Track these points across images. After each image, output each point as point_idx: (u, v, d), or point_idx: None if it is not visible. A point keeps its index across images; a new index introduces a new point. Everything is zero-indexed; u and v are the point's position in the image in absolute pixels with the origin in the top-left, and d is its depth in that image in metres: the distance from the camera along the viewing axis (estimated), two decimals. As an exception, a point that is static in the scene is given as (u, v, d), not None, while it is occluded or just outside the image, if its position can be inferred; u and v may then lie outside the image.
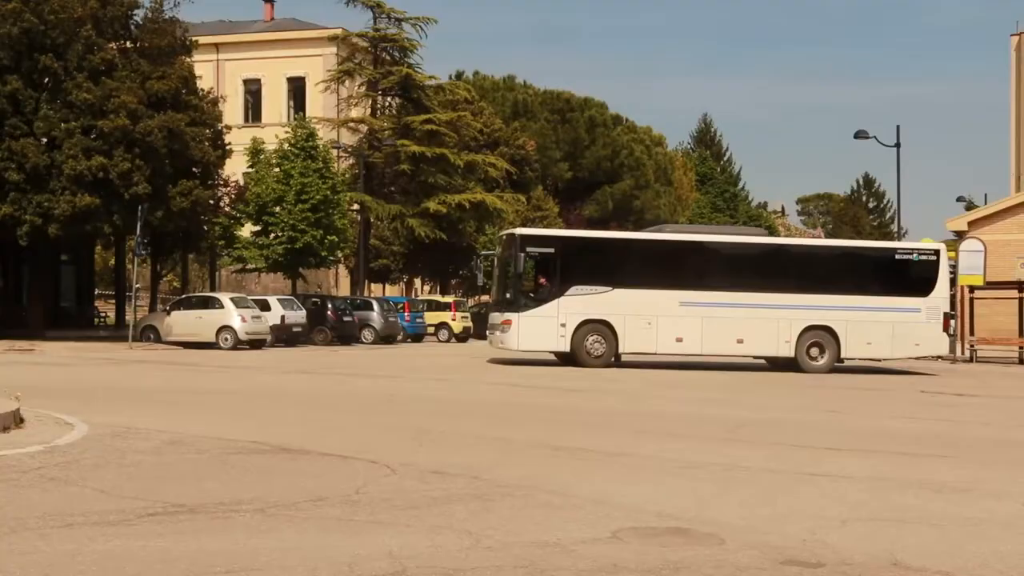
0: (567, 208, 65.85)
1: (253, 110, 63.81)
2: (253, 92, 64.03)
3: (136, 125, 32.03)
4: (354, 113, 54.12)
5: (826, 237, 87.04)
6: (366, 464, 9.71)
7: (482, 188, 54.47)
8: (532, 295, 27.81)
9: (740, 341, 27.88)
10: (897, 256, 29.76)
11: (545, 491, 8.57)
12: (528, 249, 27.59)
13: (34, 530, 6.77)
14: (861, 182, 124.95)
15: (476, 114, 57.28)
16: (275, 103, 62.86)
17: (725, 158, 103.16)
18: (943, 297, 28.87)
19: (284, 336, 36.46)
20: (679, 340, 27.64)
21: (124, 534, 6.72)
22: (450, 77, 66.23)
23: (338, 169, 48.46)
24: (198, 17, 58.20)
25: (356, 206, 49.06)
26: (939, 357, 30.67)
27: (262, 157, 44.09)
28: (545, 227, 52.10)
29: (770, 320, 27.85)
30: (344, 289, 56.92)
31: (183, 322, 34.44)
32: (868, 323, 28.14)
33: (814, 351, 28.23)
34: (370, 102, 53.78)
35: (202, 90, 38.80)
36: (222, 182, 41.65)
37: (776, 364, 29.24)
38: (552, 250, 27.97)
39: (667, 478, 9.51)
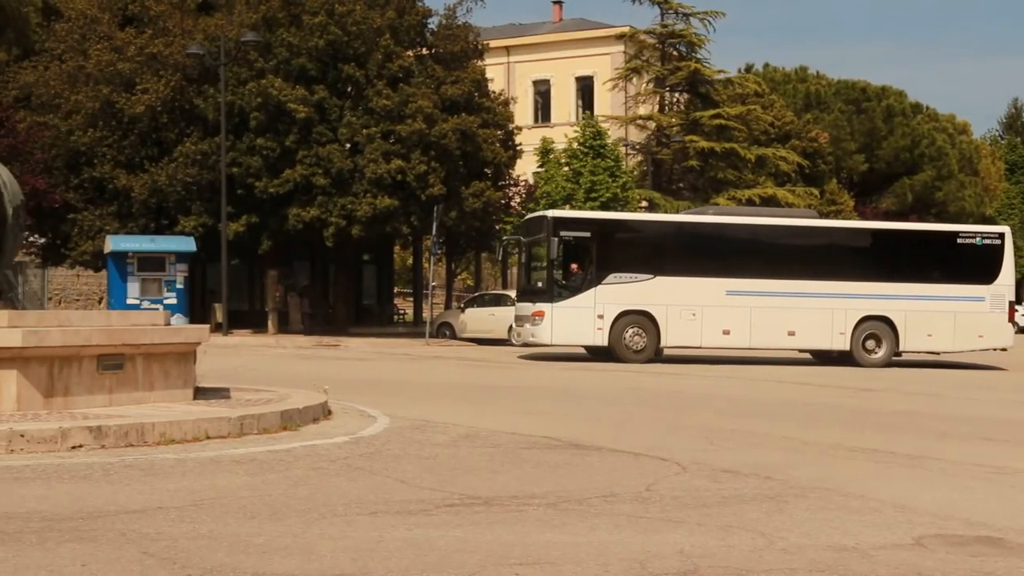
0: (862, 201, 63.51)
1: (542, 110, 64.92)
2: (542, 92, 65.16)
3: (431, 129, 33.18)
4: (642, 110, 54.15)
5: None
6: (656, 461, 9.67)
7: (773, 183, 53.37)
8: (565, 284, 25.69)
9: (791, 333, 25.93)
10: (959, 240, 27.36)
11: (841, 493, 8.28)
12: (562, 233, 25.45)
13: (342, 516, 7.10)
14: None
15: (766, 107, 56.12)
16: (564, 103, 63.72)
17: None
18: (1008, 284, 26.49)
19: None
20: (726, 333, 25.75)
21: (424, 523, 6.95)
22: (739, 70, 65.16)
23: (627, 167, 48.63)
24: (489, 21, 59.78)
25: (645, 203, 49.09)
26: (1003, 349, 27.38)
27: (551, 156, 44.76)
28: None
29: (824, 310, 25.88)
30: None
31: (477, 319, 35.40)
32: (928, 313, 26.08)
33: (870, 343, 26.26)
34: (658, 99, 53.67)
35: (493, 92, 39.78)
36: (513, 182, 42.60)
37: (825, 358, 27.25)
38: (588, 234, 26.00)
39: (977, 484, 8.99)
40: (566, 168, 43.74)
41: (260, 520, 6.92)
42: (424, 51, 37.02)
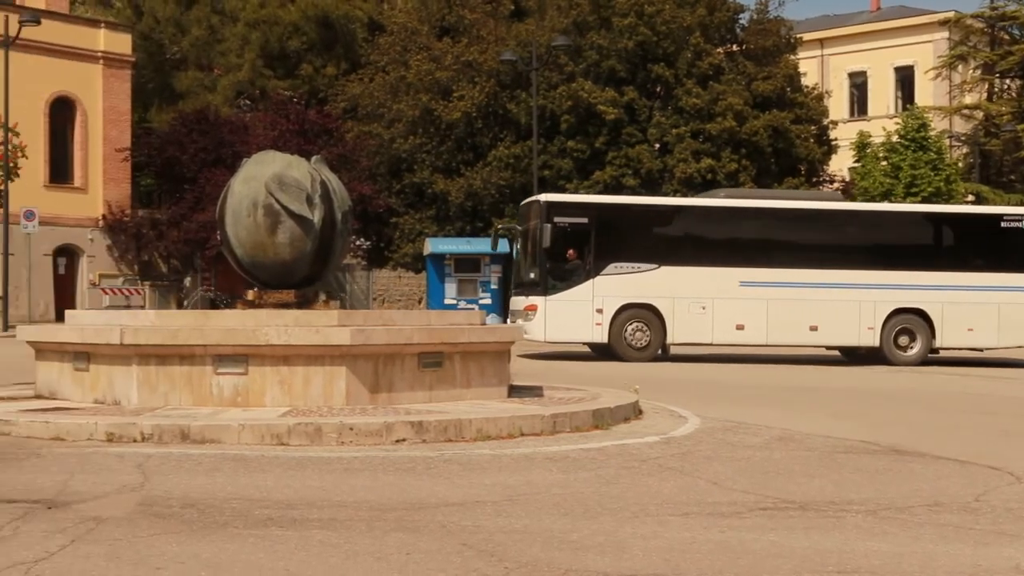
0: None
1: (858, 103, 62.80)
2: (858, 85, 63.04)
3: (742, 126, 32.83)
4: (968, 99, 51.51)
5: None
6: (985, 470, 9.12)
7: (1119, 173, 49.51)
8: (561, 275, 23.56)
9: (814, 328, 23.40)
10: (1003, 223, 24.01)
11: None
12: (556, 219, 23.33)
13: (653, 516, 7.09)
14: None
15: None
16: (881, 95, 61.40)
17: None
18: None
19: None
20: (740, 328, 23.30)
21: (736, 526, 6.84)
22: (1078, 52, 60.80)
23: (950, 159, 46.36)
24: (802, 14, 58.40)
25: (971, 197, 46.62)
26: None
27: (869, 151, 43.23)
28: None
29: (850, 303, 23.31)
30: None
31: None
32: (968, 305, 23.31)
33: (903, 339, 23.54)
34: (986, 86, 50.89)
35: (806, 87, 38.90)
36: (828, 179, 41.46)
37: (852, 356, 24.44)
38: (585, 220, 23.64)
39: None
40: (884, 162, 42.12)
41: (573, 517, 7.01)
42: (734, 48, 36.63)
